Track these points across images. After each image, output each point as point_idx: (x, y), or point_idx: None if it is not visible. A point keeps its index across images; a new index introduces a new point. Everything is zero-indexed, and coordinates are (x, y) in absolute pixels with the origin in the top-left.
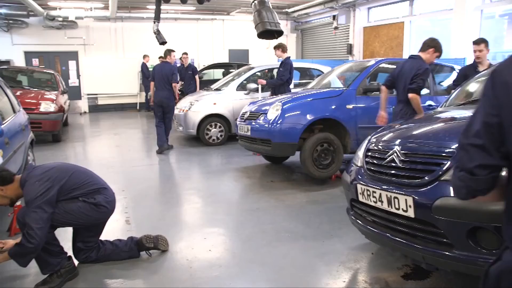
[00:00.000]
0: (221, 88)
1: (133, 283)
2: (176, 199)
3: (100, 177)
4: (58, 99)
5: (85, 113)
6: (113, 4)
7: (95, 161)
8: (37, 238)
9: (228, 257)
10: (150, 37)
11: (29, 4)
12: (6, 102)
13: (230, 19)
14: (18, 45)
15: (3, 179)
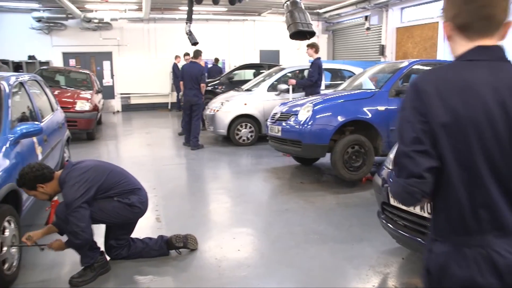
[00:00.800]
0: (251, 88)
1: (163, 280)
2: (205, 198)
3: (135, 178)
4: (93, 98)
5: (118, 112)
6: (147, 6)
7: (127, 159)
8: (85, 234)
9: (257, 257)
10: (182, 37)
11: (68, 7)
12: (46, 101)
13: (261, 20)
14: (57, 46)
15: (44, 177)
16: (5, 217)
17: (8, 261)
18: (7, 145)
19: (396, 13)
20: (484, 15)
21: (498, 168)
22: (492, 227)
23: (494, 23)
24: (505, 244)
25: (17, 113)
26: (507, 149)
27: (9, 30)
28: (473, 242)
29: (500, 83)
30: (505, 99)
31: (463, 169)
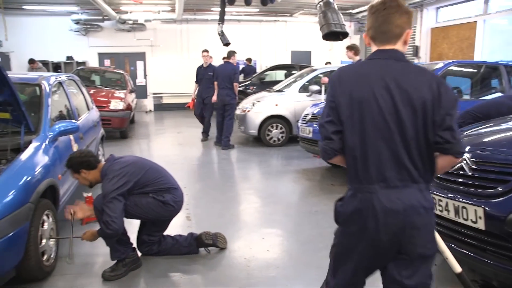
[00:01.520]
0: (283, 89)
1: (192, 278)
2: (235, 197)
3: (173, 177)
4: (126, 97)
5: (150, 111)
6: (180, 7)
7: (159, 158)
8: (115, 225)
9: (286, 258)
10: (214, 38)
11: (104, 9)
12: (82, 100)
13: (293, 20)
14: (93, 47)
15: (89, 164)
16: (44, 211)
17: (46, 253)
18: (47, 142)
19: (431, 13)
20: (382, 31)
21: (385, 132)
22: (380, 180)
23: (390, 36)
24: (386, 194)
25: (56, 112)
26: (394, 119)
27: (50, 32)
28: (364, 189)
29: (386, 74)
30: (389, 85)
31: (356, 134)
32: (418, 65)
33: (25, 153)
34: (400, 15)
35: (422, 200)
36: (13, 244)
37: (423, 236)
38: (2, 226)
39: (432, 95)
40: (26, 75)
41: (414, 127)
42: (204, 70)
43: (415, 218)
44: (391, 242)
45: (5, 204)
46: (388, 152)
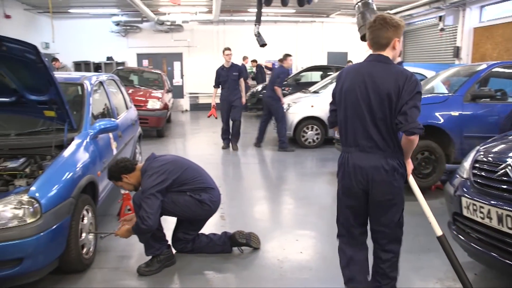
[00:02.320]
0: (319, 90)
1: (224, 276)
2: (269, 198)
3: (211, 177)
4: (164, 97)
5: (187, 111)
6: (217, 8)
7: (194, 157)
8: (150, 221)
9: (319, 260)
10: (250, 39)
11: (143, 11)
12: (121, 99)
13: (329, 21)
14: (132, 48)
15: (127, 168)
16: (84, 206)
17: (86, 246)
18: (87, 139)
19: (474, 12)
20: (374, 42)
21: (360, 113)
22: (355, 145)
23: (380, 45)
24: (358, 155)
25: (97, 110)
26: (367, 104)
27: (92, 34)
28: (346, 150)
29: (367, 71)
30: (365, 79)
31: (342, 113)
32: (395, 66)
33: (67, 149)
34: (387, 30)
35: (384, 163)
36: (56, 236)
37: (381, 188)
38: (47, 219)
39: (396, 88)
40: (69, 75)
41: (381, 111)
42: (228, 71)
43: (375, 174)
44: (360, 188)
45: (49, 198)
46: (361, 127)
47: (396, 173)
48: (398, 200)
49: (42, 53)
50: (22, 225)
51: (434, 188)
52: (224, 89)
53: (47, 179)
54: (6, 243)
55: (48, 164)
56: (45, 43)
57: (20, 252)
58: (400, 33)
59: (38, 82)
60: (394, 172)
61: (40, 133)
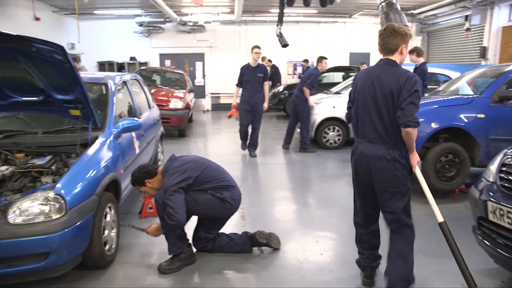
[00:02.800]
0: (341, 91)
1: (244, 276)
2: (290, 199)
3: (231, 176)
4: (186, 97)
5: (208, 111)
6: (239, 9)
7: (215, 157)
8: (178, 215)
9: (340, 263)
10: (272, 39)
11: (166, 11)
12: (144, 99)
13: (351, 21)
14: (155, 48)
15: (149, 172)
16: (107, 204)
17: (108, 243)
18: (111, 138)
19: (503, 11)
20: (384, 48)
21: (368, 109)
22: (363, 136)
23: (389, 51)
24: (365, 145)
25: (120, 109)
26: (374, 101)
27: (116, 34)
28: (357, 141)
29: (375, 73)
30: (374, 80)
31: (355, 109)
32: (400, 68)
33: (91, 148)
34: (395, 37)
35: (386, 153)
36: (80, 233)
37: (383, 176)
38: (72, 215)
39: (398, 87)
40: (94, 75)
41: (385, 107)
42: (252, 71)
43: (377, 163)
44: (365, 175)
45: (74, 195)
46: (369, 121)
47: (397, 163)
48: (402, 189)
49: (68, 54)
50: (48, 221)
51: (458, 191)
52: (246, 89)
53: (72, 177)
54: (33, 238)
55: (73, 162)
56: (71, 43)
57: (46, 247)
58: (407, 40)
59: (64, 82)
60: (395, 162)
61: (66, 132)
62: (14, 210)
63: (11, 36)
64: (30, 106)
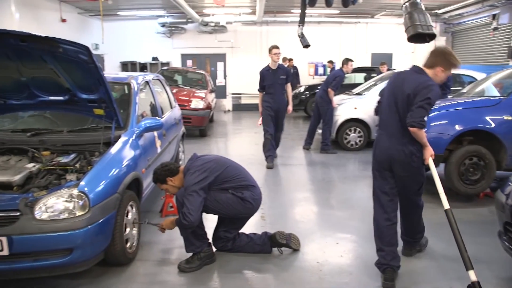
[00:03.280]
0: (362, 92)
1: (264, 276)
2: (310, 200)
3: (251, 176)
4: (207, 97)
5: (229, 111)
6: (260, 9)
7: (235, 157)
8: (191, 217)
9: (360, 265)
10: (293, 40)
11: (188, 12)
12: (166, 99)
13: (374, 22)
14: (177, 48)
15: (171, 171)
16: (129, 202)
17: (130, 241)
18: (133, 137)
19: None
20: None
21: (391, 107)
22: (385, 129)
23: (426, 64)
24: (384, 137)
25: (142, 109)
26: (395, 101)
27: (138, 35)
28: (379, 133)
29: (402, 77)
30: (398, 83)
31: (383, 105)
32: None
33: (114, 147)
34: (435, 57)
35: (404, 148)
36: (102, 230)
37: (401, 166)
38: (95, 213)
39: (414, 92)
40: (117, 74)
41: (402, 107)
42: (274, 74)
43: (395, 155)
44: (385, 162)
45: (97, 193)
46: (390, 117)
47: (414, 156)
48: (417, 177)
49: (93, 54)
50: (72, 218)
51: (482, 195)
52: (269, 94)
53: (95, 175)
54: (58, 234)
55: (97, 160)
56: (95, 44)
57: (70, 243)
58: (446, 66)
59: (89, 82)
60: (412, 155)
61: (90, 130)
62: (40, 206)
63: (40, 37)
64: (56, 105)
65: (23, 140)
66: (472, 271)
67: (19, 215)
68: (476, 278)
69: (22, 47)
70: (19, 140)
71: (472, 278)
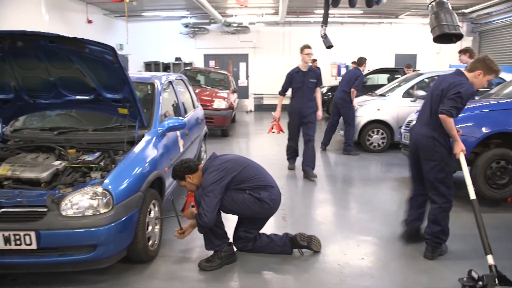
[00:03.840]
0: (386, 94)
1: (284, 278)
2: (332, 201)
3: (271, 176)
4: (229, 97)
5: (251, 111)
6: (283, 10)
7: (257, 157)
8: (206, 218)
9: (381, 268)
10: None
11: (212, 13)
12: (188, 99)
13: (398, 22)
14: (199, 49)
15: (190, 168)
16: (152, 200)
17: (151, 239)
18: (156, 136)
19: None
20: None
21: (427, 101)
22: (419, 119)
23: (467, 68)
24: (417, 126)
25: (165, 108)
26: (431, 96)
27: (162, 35)
28: (415, 122)
29: (445, 77)
30: (438, 82)
31: (426, 100)
32: (461, 77)
33: (138, 146)
34: (477, 62)
35: (428, 133)
36: (125, 227)
37: (424, 150)
38: (118, 210)
39: (447, 88)
40: (141, 74)
41: (435, 101)
42: (303, 76)
43: (420, 139)
44: (413, 146)
45: (120, 191)
46: (424, 110)
47: (436, 141)
48: (440, 163)
49: (118, 54)
50: (96, 215)
51: (510, 200)
52: (297, 98)
53: (119, 173)
54: (82, 230)
55: (120, 158)
56: (119, 44)
57: (94, 239)
58: (486, 71)
59: (114, 81)
60: (434, 140)
61: (114, 129)
62: (66, 203)
63: (67, 38)
64: (82, 104)
65: (50, 138)
66: (490, 255)
67: (46, 211)
68: (493, 262)
69: (51, 48)
70: (47, 138)
71: (489, 262)
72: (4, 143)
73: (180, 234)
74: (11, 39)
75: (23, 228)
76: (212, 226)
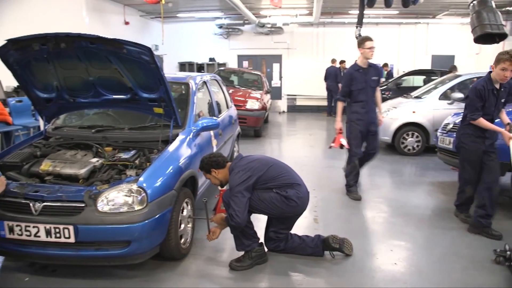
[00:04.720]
0: (421, 96)
1: (314, 280)
2: (364, 204)
3: (297, 174)
4: (262, 98)
5: (284, 112)
6: (317, 11)
7: (289, 158)
8: (238, 218)
9: (415, 275)
10: (350, 41)
11: (246, 14)
12: (222, 99)
13: (435, 22)
14: (233, 49)
15: (218, 163)
16: (185, 199)
17: (184, 237)
18: (190, 136)
19: None
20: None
21: None
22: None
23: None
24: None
25: (200, 108)
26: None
27: (196, 36)
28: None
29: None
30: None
31: None
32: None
33: (172, 145)
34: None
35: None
36: (159, 225)
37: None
38: (152, 208)
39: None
40: (176, 74)
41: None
42: (365, 74)
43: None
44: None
45: (155, 189)
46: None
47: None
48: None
49: (155, 55)
50: (131, 211)
51: None
52: (360, 102)
53: (153, 171)
54: (117, 226)
55: (155, 157)
56: (155, 45)
57: (129, 235)
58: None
59: (150, 81)
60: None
61: (149, 128)
62: (103, 199)
63: (107, 39)
64: (119, 103)
65: (88, 136)
66: None
67: (84, 206)
68: None
69: (91, 48)
70: (85, 136)
71: None
72: (46, 140)
73: (211, 237)
74: (55, 41)
75: (62, 221)
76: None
